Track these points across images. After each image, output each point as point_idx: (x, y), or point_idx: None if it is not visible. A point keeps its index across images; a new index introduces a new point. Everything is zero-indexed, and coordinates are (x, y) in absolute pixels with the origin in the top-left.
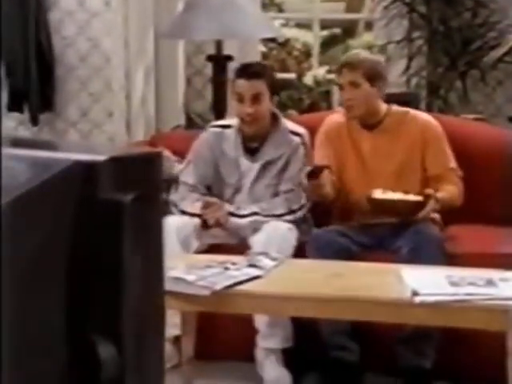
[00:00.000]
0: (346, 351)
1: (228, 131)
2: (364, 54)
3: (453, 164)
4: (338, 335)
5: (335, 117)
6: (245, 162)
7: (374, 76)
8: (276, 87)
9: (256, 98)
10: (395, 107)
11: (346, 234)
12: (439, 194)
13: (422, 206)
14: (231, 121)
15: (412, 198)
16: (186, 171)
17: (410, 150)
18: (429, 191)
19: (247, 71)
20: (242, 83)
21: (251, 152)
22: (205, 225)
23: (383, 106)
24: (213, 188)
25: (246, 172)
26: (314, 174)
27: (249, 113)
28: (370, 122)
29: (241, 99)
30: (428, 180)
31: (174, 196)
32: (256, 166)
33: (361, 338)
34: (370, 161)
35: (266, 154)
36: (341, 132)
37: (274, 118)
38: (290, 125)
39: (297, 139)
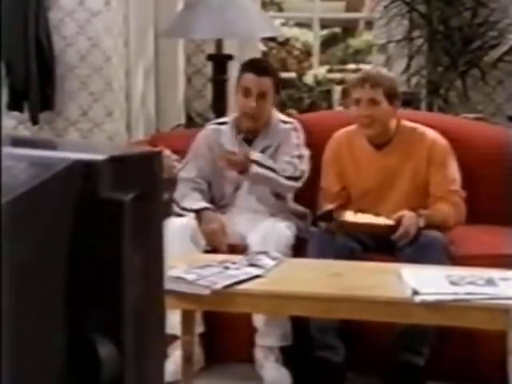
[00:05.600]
0: (331, 351)
1: (224, 127)
2: (382, 70)
3: (455, 186)
4: (326, 333)
5: (341, 134)
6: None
7: (393, 94)
8: (280, 87)
9: (262, 95)
10: (404, 123)
11: (348, 233)
12: (426, 211)
13: (394, 230)
14: (227, 118)
15: (382, 221)
16: (185, 169)
17: (417, 169)
18: (398, 215)
19: (257, 67)
20: (250, 78)
21: (247, 143)
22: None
23: (394, 122)
24: (213, 184)
25: None
26: (327, 217)
27: (253, 107)
28: (380, 141)
29: (247, 94)
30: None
31: (175, 194)
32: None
33: (349, 336)
34: (378, 181)
35: (260, 144)
36: (348, 151)
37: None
38: (281, 116)
39: (287, 126)
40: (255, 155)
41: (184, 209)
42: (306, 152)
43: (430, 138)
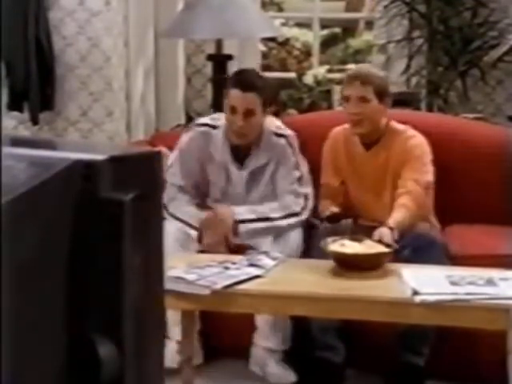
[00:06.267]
0: (332, 351)
1: (215, 132)
2: (373, 68)
3: (416, 175)
4: (326, 333)
5: (338, 131)
6: (233, 169)
7: (384, 92)
8: (269, 100)
9: (249, 112)
10: (392, 123)
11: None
12: (395, 222)
13: (386, 256)
14: (219, 120)
15: (374, 249)
16: (171, 171)
17: (396, 169)
18: (378, 235)
19: (242, 82)
20: (236, 95)
21: (239, 159)
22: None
23: (384, 121)
24: (200, 186)
25: (235, 179)
26: (334, 219)
27: (240, 126)
28: (370, 140)
29: (233, 111)
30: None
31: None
32: (244, 174)
33: (349, 335)
34: (371, 181)
35: (254, 160)
36: (344, 148)
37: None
38: (274, 127)
39: (282, 141)
40: (239, 214)
41: (172, 215)
42: (304, 168)
43: (405, 136)
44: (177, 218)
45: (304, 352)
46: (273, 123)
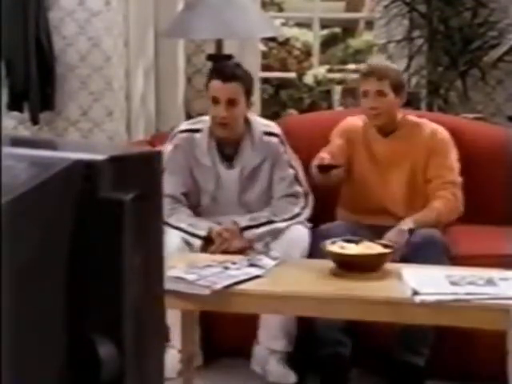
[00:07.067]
0: (340, 345)
1: (198, 136)
2: (387, 62)
3: (452, 177)
4: (333, 331)
5: (352, 119)
6: (222, 169)
7: (399, 86)
8: (252, 90)
9: (231, 102)
10: (408, 116)
11: (351, 230)
12: (415, 216)
13: (386, 256)
14: (201, 124)
15: (373, 250)
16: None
17: (416, 161)
18: (389, 242)
19: (224, 73)
20: (217, 85)
21: (227, 159)
22: (206, 248)
23: (400, 114)
24: (190, 195)
25: (225, 181)
26: (325, 168)
27: (223, 116)
28: (386, 130)
29: (216, 101)
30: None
31: None
32: (234, 173)
33: (354, 334)
34: (383, 166)
35: (244, 160)
36: (357, 134)
37: (247, 122)
38: (262, 125)
39: (274, 140)
40: (242, 222)
41: (176, 227)
42: (297, 163)
43: (429, 129)
44: (181, 229)
45: (306, 352)
46: (259, 121)
